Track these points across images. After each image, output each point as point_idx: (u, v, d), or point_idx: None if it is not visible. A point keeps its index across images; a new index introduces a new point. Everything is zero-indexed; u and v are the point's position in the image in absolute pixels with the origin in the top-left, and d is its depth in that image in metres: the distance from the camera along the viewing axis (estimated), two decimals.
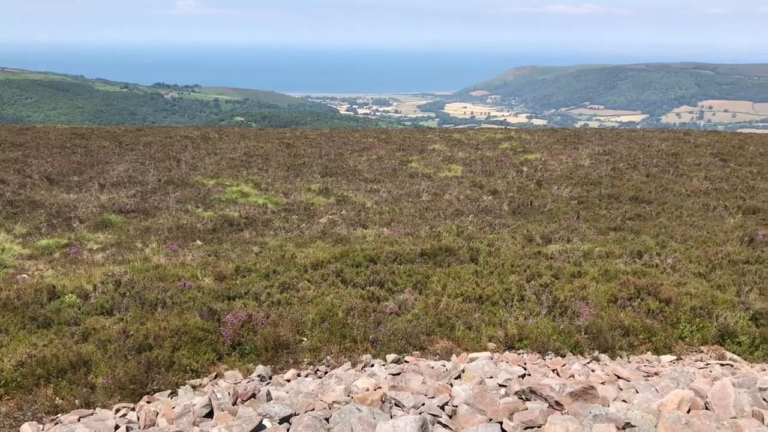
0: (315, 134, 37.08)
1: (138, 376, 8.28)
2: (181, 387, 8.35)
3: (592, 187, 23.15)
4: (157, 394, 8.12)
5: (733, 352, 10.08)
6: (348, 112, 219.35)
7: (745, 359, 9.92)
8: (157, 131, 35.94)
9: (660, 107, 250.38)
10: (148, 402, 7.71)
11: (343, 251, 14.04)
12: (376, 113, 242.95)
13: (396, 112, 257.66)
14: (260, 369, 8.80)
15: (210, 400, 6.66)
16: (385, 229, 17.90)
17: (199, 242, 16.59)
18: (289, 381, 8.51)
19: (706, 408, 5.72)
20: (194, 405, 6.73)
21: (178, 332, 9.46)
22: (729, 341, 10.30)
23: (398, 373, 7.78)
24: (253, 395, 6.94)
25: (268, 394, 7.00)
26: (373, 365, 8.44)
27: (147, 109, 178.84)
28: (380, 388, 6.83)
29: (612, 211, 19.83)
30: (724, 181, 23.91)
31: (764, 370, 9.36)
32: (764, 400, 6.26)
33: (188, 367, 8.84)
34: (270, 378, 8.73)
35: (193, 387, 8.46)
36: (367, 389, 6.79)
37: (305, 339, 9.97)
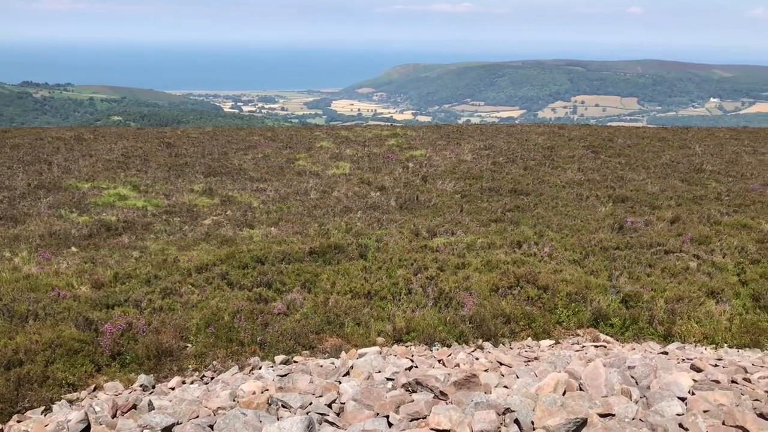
0: (197, 133, 36.05)
1: (6, 393, 7.74)
2: (56, 402, 7.89)
3: (474, 181, 23.86)
4: (28, 411, 7.63)
5: (607, 334, 10.70)
6: (233, 110, 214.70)
7: (617, 340, 10.55)
8: (26, 132, 33.73)
9: (536, 103, 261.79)
10: (18, 421, 7.23)
11: (228, 253, 13.74)
12: (262, 111, 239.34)
13: (282, 109, 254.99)
14: (142, 378, 8.46)
15: (87, 414, 6.33)
16: (272, 228, 17.67)
17: (74, 249, 15.73)
18: (173, 389, 8.23)
19: (580, 389, 6.03)
20: (69, 421, 6.37)
21: (52, 345, 8.92)
22: (602, 323, 10.93)
23: (286, 374, 7.70)
24: (134, 406, 6.66)
25: (150, 404, 6.73)
26: (260, 368, 8.31)
27: (14, 110, 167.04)
28: (267, 390, 6.73)
29: (493, 203, 20.52)
30: (595, 172, 25.30)
31: (634, 349, 9.99)
32: (632, 377, 6.68)
33: (64, 381, 8.37)
34: (153, 387, 8.41)
35: (70, 402, 8.01)
36: (254, 392, 6.67)
37: (190, 345, 9.68)
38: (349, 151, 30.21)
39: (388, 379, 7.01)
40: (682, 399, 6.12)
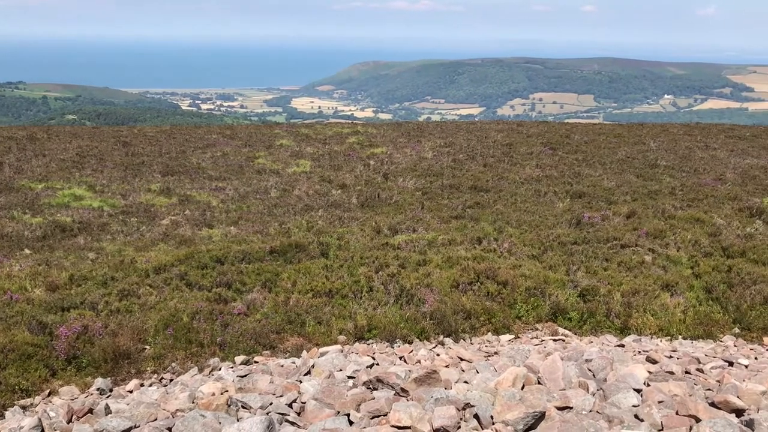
0: (155, 131, 35.46)
1: None
2: (9, 409, 7.70)
3: (434, 178, 23.98)
4: None
5: (565, 328, 10.87)
6: (191, 108, 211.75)
7: (576, 333, 10.73)
8: None
9: (496, 100, 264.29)
10: None
11: (187, 253, 13.56)
12: (221, 109, 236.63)
13: (242, 107, 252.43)
14: (99, 382, 8.31)
15: (40, 420, 6.18)
16: (232, 227, 17.50)
17: (27, 251, 15.34)
18: (131, 392, 8.10)
19: (539, 382, 6.12)
20: (22, 428, 6.22)
21: (4, 350, 8.71)
22: (561, 317, 11.10)
23: (246, 375, 7.64)
24: (91, 411, 6.53)
25: (107, 407, 6.61)
26: (220, 368, 8.23)
27: None
28: (227, 391, 6.67)
29: (453, 200, 20.65)
30: (553, 168, 25.65)
31: (591, 342, 10.17)
32: (589, 370, 6.80)
33: (17, 387, 8.17)
34: (111, 391, 8.27)
35: (23, 408, 7.82)
36: (213, 394, 6.60)
37: (148, 347, 9.54)
38: (310, 149, 30.08)
39: (350, 378, 7.01)
40: (638, 390, 6.25)
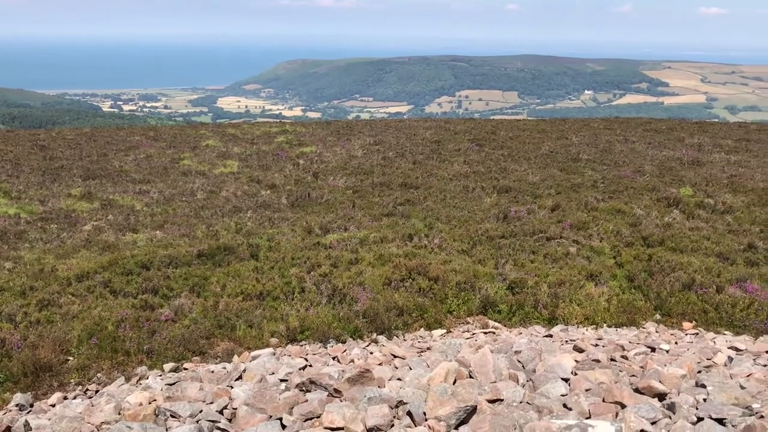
0: (74, 134, 34.15)
1: None
2: None
3: (365, 177, 23.99)
4: None
5: (495, 320, 11.06)
6: (112, 109, 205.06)
7: (505, 325, 10.93)
8: None
9: (423, 98, 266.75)
10: None
11: (111, 259, 13.13)
12: (144, 109, 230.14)
13: (165, 107, 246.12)
14: (18, 397, 7.93)
15: None
16: (158, 231, 17.03)
17: None
18: (54, 406, 7.77)
19: (470, 376, 6.19)
20: None
21: None
22: (491, 310, 11.29)
23: (175, 383, 7.43)
24: (8, 428, 6.22)
25: (27, 424, 6.31)
26: (148, 377, 7.98)
27: None
28: (155, 400, 6.47)
29: (384, 198, 20.71)
30: (480, 164, 26.06)
31: (521, 333, 10.38)
32: (519, 362, 6.93)
33: None
34: (31, 406, 7.91)
35: None
36: (140, 404, 6.39)
37: (72, 358, 9.17)
38: (237, 149, 29.60)
39: (282, 380, 6.92)
40: (566, 380, 6.41)
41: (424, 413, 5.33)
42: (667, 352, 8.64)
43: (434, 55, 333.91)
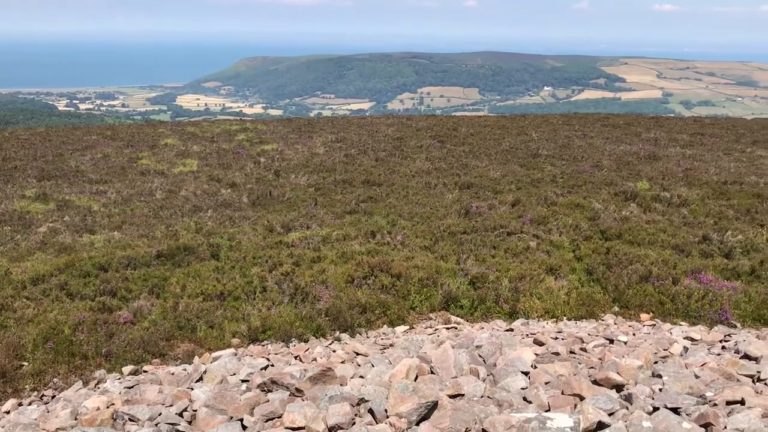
0: (28, 134, 33.35)
1: None
2: None
3: (327, 174, 23.91)
4: None
5: (457, 315, 11.14)
6: (68, 108, 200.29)
7: (467, 320, 11.01)
8: None
9: (385, 95, 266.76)
10: None
11: (67, 261, 12.86)
12: (101, 108, 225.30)
13: (123, 106, 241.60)
14: None
15: None
16: (116, 232, 16.71)
17: None
18: (8, 413, 7.58)
19: (432, 372, 6.22)
20: None
21: None
22: (453, 306, 11.36)
23: (134, 386, 7.31)
24: None
25: None
26: (106, 381, 7.83)
27: None
28: (113, 404, 6.35)
29: (347, 195, 20.68)
30: (442, 160, 26.19)
31: (482, 328, 10.47)
32: (480, 356, 6.98)
33: None
34: None
35: None
36: (98, 408, 6.27)
37: (27, 363, 8.96)
38: (197, 147, 29.23)
39: (243, 381, 6.86)
40: (526, 373, 6.48)
41: (386, 410, 5.33)
42: (625, 343, 8.80)
43: (396, 51, 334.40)
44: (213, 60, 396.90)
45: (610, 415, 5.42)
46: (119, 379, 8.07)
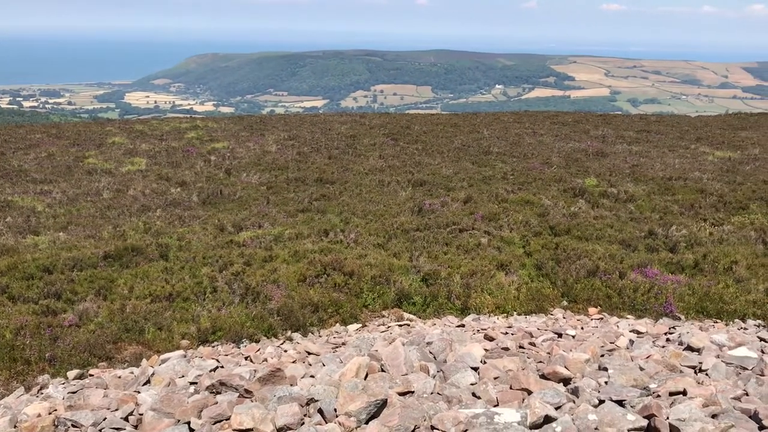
0: None
1: None
2: None
3: (279, 172, 23.73)
4: None
5: (410, 312, 11.18)
6: (11, 106, 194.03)
7: (420, 317, 11.06)
8: None
9: (339, 92, 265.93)
10: None
11: (9, 263, 12.46)
12: (46, 106, 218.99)
13: (69, 103, 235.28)
14: None
15: None
16: (61, 233, 16.27)
17: None
18: None
19: (382, 370, 6.22)
20: None
21: None
22: (406, 303, 11.40)
23: (78, 390, 7.12)
24: None
25: None
26: (49, 386, 7.61)
27: None
28: (56, 410, 6.18)
29: (299, 193, 20.55)
30: (395, 158, 26.26)
31: (435, 324, 10.53)
32: (431, 353, 7.02)
33: None
34: None
35: None
36: (39, 415, 6.09)
37: None
38: (145, 146, 28.66)
39: (192, 383, 6.75)
40: (476, 369, 6.54)
41: (335, 410, 5.31)
42: (573, 337, 8.96)
43: (349, 49, 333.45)
44: (163, 57, 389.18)
45: (557, 408, 5.51)
46: (63, 384, 7.85)
